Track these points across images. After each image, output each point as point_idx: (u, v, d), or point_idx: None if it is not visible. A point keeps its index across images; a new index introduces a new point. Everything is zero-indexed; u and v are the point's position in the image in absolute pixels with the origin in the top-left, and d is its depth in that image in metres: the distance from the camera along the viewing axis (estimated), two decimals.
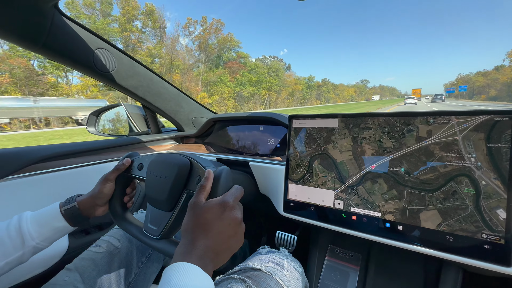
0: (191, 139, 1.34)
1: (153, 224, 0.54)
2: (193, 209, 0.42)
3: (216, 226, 0.40)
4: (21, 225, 0.52)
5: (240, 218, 0.42)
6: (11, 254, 0.50)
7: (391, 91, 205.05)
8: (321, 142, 0.70)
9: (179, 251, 0.38)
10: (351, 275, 0.79)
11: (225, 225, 0.40)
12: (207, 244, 0.38)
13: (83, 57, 0.87)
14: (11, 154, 0.73)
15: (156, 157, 0.58)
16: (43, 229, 0.54)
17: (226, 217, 0.41)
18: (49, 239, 0.55)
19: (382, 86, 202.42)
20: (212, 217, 0.40)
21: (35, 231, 0.53)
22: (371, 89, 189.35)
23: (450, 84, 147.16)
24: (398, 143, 0.58)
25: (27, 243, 0.51)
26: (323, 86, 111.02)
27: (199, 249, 0.37)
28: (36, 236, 0.52)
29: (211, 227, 0.39)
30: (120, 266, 0.63)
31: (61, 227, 0.56)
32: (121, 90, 1.04)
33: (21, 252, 0.51)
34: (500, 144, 0.48)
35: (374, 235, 0.60)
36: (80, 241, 0.85)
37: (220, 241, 0.39)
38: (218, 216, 0.40)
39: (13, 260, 0.51)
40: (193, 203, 0.42)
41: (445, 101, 50.21)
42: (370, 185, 0.61)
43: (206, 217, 0.40)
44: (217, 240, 0.39)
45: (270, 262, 0.57)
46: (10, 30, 0.67)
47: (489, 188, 0.49)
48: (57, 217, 0.56)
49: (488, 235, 0.48)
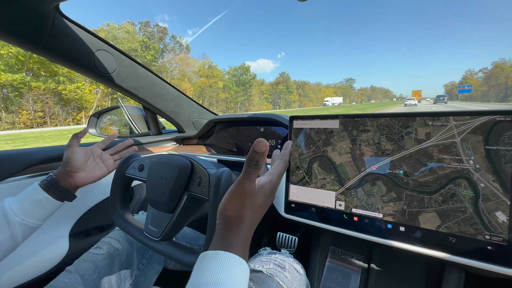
0: (192, 140, 1.35)
1: (153, 226, 0.54)
2: (246, 195, 0.37)
3: (265, 205, 0.41)
4: (3, 205, 0.54)
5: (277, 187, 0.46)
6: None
7: (384, 93, 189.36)
8: (320, 144, 0.70)
9: (221, 235, 0.36)
10: (353, 276, 0.79)
11: (270, 200, 0.42)
12: (251, 224, 0.38)
13: (84, 58, 0.87)
14: (13, 155, 0.73)
15: (156, 159, 0.58)
16: (24, 204, 0.55)
17: (273, 196, 0.43)
18: (34, 215, 0.56)
19: (374, 88, 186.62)
20: (263, 200, 0.40)
21: (16, 207, 0.54)
22: (359, 90, 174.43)
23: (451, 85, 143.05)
24: (397, 145, 0.59)
25: (11, 219, 0.53)
26: (280, 84, 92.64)
27: (243, 232, 0.37)
28: (18, 212, 0.54)
29: (260, 209, 0.40)
30: (121, 268, 0.63)
31: (42, 199, 0.57)
32: (122, 92, 1.05)
33: (9, 232, 0.52)
34: (499, 146, 0.48)
35: (376, 236, 0.60)
36: (80, 243, 0.85)
37: (261, 215, 0.41)
38: (267, 197, 0.41)
39: (3, 241, 0.52)
40: (246, 189, 0.37)
41: (447, 103, 50.06)
42: (369, 187, 0.61)
43: (258, 201, 0.39)
44: (260, 216, 0.40)
45: (271, 264, 0.57)
46: (11, 32, 0.68)
47: (488, 190, 0.49)
48: (35, 190, 0.58)
49: (491, 236, 0.48)
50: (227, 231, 0.36)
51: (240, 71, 69.27)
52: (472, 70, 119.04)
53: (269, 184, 0.41)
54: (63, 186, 0.61)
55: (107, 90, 32.73)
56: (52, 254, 0.77)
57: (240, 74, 69.00)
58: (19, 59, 23.64)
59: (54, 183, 0.60)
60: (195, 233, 0.87)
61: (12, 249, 0.54)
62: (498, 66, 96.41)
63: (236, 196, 0.37)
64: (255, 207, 0.38)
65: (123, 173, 0.63)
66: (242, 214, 0.37)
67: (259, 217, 0.40)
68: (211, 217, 0.44)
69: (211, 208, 0.44)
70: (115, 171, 0.64)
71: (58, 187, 0.60)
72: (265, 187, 0.40)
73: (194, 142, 1.34)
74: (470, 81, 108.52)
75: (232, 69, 69.75)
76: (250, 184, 0.37)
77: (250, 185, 0.37)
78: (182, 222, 0.54)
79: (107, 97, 35.94)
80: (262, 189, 0.39)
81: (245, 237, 0.36)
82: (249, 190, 0.37)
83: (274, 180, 0.43)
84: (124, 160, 0.64)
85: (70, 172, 0.63)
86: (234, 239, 0.35)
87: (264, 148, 0.35)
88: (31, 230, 0.55)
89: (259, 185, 0.39)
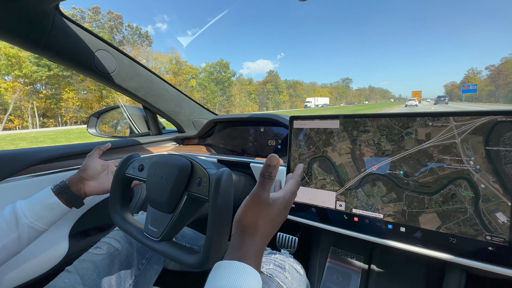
0: (192, 141, 1.35)
1: (153, 226, 0.54)
2: (261, 205, 0.40)
3: (278, 220, 0.41)
4: (15, 206, 0.55)
5: (291, 201, 0.46)
6: (6, 235, 0.52)
7: (383, 94, 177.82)
8: (320, 144, 0.70)
9: (237, 245, 0.38)
10: (353, 277, 0.79)
11: (283, 217, 0.43)
12: (264, 236, 0.39)
13: (84, 58, 0.87)
14: (12, 155, 0.73)
15: (156, 159, 0.58)
16: (35, 207, 0.56)
17: (286, 212, 0.44)
18: (43, 219, 0.56)
19: (372, 88, 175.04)
20: (277, 214, 0.41)
21: (27, 209, 0.56)
22: (357, 90, 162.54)
23: (452, 85, 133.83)
24: (397, 146, 0.58)
25: (21, 221, 0.54)
26: (268, 83, 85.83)
27: (256, 244, 0.38)
28: (29, 214, 0.55)
29: (274, 223, 0.41)
30: (121, 268, 0.63)
31: (53, 203, 0.58)
32: (122, 92, 1.04)
33: (16, 233, 0.53)
34: (499, 147, 0.48)
35: (376, 237, 0.60)
36: (80, 243, 0.85)
37: (275, 229, 0.41)
38: (281, 212, 0.42)
39: (9, 243, 0.52)
40: (261, 199, 0.40)
41: (448, 104, 49.30)
42: (369, 188, 0.61)
43: (272, 213, 0.40)
44: (273, 229, 0.41)
45: (271, 264, 0.57)
46: (11, 31, 0.68)
47: (488, 191, 0.49)
48: (47, 194, 0.59)
49: (492, 237, 0.48)
50: (242, 241, 0.38)
51: (218, 68, 60.32)
52: (475, 69, 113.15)
53: (282, 199, 0.43)
54: (73, 192, 0.62)
55: (27, 88, 28.96)
56: (52, 254, 0.77)
57: (217, 71, 59.59)
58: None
59: (66, 188, 0.61)
60: (195, 233, 0.87)
61: (16, 252, 0.54)
62: (509, 62, 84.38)
63: (251, 205, 0.39)
64: (269, 218, 0.40)
65: (123, 173, 0.63)
66: (257, 224, 0.39)
67: (272, 230, 0.41)
68: (211, 217, 0.44)
69: (211, 208, 0.44)
70: (115, 171, 0.64)
71: (69, 192, 0.61)
72: (278, 201, 0.42)
73: (194, 142, 1.34)
74: (473, 80, 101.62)
75: (208, 65, 60.79)
76: (265, 193, 0.39)
77: (264, 195, 0.39)
78: (182, 222, 0.54)
79: (30, 96, 30.83)
80: (276, 202, 0.41)
81: (258, 249, 0.37)
82: (264, 200, 0.39)
83: (287, 196, 0.44)
84: (124, 160, 0.64)
85: (83, 179, 0.65)
86: (249, 250, 0.37)
87: (276, 162, 0.40)
88: (37, 233, 0.56)
89: (273, 199, 0.42)
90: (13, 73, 27.68)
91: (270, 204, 0.40)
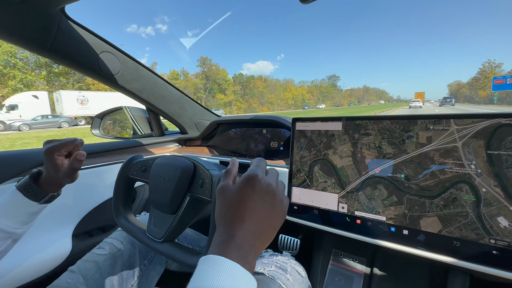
0: (195, 142, 1.35)
1: (156, 227, 0.55)
2: (223, 193, 0.38)
3: (250, 204, 0.35)
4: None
5: (273, 186, 0.38)
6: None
7: (380, 95, 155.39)
8: (321, 147, 0.70)
9: (217, 240, 0.34)
10: (356, 280, 0.79)
11: (259, 200, 0.36)
12: (244, 228, 0.34)
13: (89, 60, 0.88)
14: (14, 157, 0.74)
15: (159, 160, 0.58)
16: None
17: (258, 191, 0.36)
18: (9, 214, 0.54)
19: (367, 88, 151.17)
20: (244, 196, 0.36)
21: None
22: (348, 91, 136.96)
23: (457, 85, 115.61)
24: (398, 149, 0.59)
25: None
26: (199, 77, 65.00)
27: (237, 236, 0.33)
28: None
29: (244, 207, 0.35)
30: (123, 269, 0.63)
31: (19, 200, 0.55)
32: (126, 93, 1.05)
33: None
34: (500, 151, 0.48)
35: (379, 239, 0.60)
36: (83, 243, 0.86)
37: (258, 220, 0.35)
38: (250, 193, 0.36)
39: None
40: (221, 187, 0.39)
41: (455, 105, 46.53)
42: (370, 191, 0.61)
43: (237, 197, 0.36)
44: (254, 219, 0.35)
45: (273, 266, 0.57)
46: (17, 34, 0.69)
47: (489, 195, 0.49)
48: (10, 190, 0.56)
49: (497, 240, 0.48)
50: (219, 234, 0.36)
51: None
52: (492, 61, 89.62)
53: (242, 177, 0.40)
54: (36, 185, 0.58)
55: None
56: (55, 254, 0.78)
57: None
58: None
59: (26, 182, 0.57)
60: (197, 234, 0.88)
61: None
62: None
63: (217, 196, 0.39)
64: (233, 204, 0.37)
65: (126, 174, 0.64)
66: (222, 213, 0.37)
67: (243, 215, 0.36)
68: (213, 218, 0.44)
69: (213, 209, 0.45)
70: (118, 172, 0.64)
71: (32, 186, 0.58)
72: (238, 181, 0.39)
73: (197, 144, 1.35)
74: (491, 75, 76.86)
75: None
76: (225, 183, 0.40)
77: (224, 184, 0.40)
78: (185, 223, 0.54)
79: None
80: (236, 185, 0.39)
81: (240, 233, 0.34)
82: (223, 188, 0.39)
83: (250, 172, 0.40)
84: (127, 161, 0.64)
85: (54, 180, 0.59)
86: (226, 237, 0.34)
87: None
88: (9, 235, 0.53)
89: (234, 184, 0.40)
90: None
91: (229, 188, 0.38)
